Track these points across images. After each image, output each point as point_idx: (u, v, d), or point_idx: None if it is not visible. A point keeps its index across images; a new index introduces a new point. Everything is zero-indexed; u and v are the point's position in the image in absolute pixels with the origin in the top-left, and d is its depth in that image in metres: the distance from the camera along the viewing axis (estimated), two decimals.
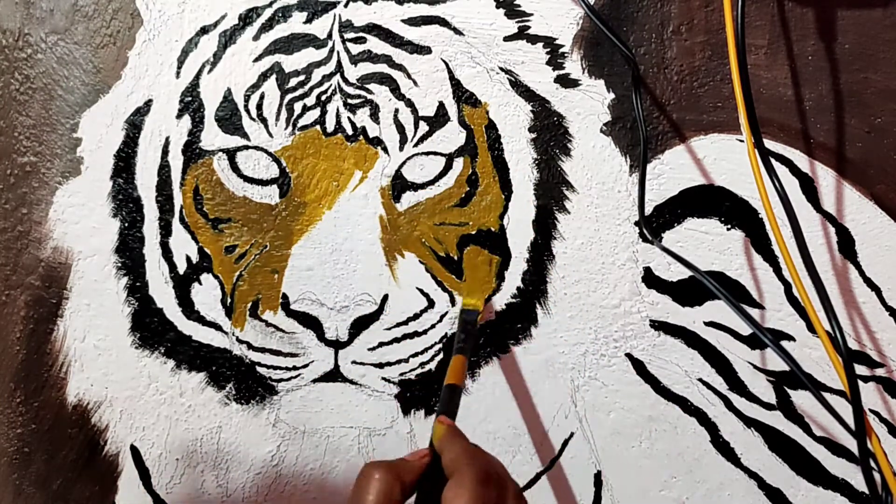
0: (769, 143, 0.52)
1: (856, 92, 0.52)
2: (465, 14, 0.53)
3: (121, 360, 0.55)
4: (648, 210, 0.53)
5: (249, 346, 0.54)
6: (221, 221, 0.54)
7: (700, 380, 0.52)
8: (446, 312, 0.53)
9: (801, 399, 0.51)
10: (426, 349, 0.53)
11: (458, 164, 0.53)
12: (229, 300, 0.54)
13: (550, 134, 0.53)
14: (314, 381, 0.53)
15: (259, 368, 0.54)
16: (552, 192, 0.53)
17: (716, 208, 0.52)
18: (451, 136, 0.53)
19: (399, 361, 0.53)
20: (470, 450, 0.38)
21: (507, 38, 0.53)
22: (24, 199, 0.55)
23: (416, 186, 0.53)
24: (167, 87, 0.54)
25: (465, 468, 0.35)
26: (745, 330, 0.52)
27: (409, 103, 0.53)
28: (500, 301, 0.53)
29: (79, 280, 0.55)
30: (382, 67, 0.53)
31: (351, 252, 0.53)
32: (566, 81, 0.53)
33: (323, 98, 0.53)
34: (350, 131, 0.53)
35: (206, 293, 0.54)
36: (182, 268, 0.54)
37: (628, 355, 0.53)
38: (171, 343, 0.54)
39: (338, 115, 0.53)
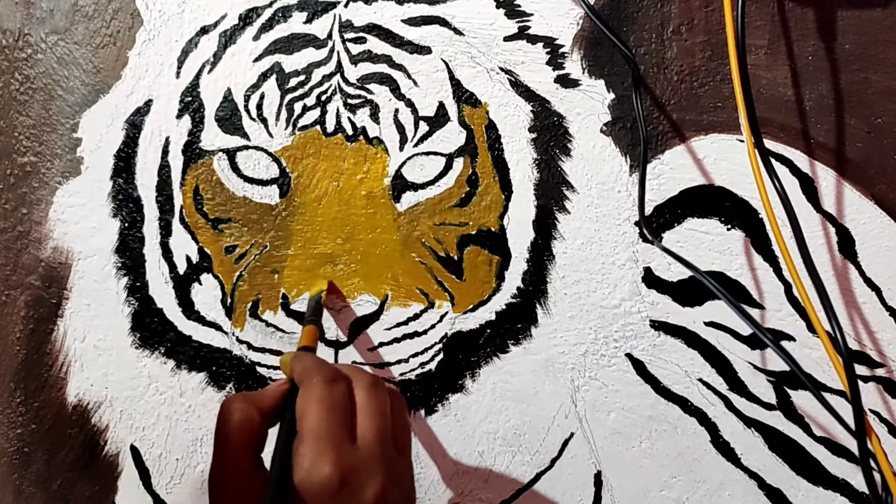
0: (769, 143, 0.52)
1: (856, 92, 0.52)
2: (465, 14, 0.53)
3: (121, 360, 0.55)
4: (648, 210, 0.53)
5: (249, 347, 0.54)
6: (221, 221, 0.54)
7: (700, 380, 0.52)
8: (446, 313, 0.53)
9: (801, 399, 0.51)
10: (426, 349, 0.53)
11: (458, 164, 0.53)
12: (229, 300, 0.54)
13: (550, 134, 0.53)
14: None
15: (259, 368, 0.54)
16: (552, 192, 0.53)
17: (716, 208, 0.52)
18: (451, 136, 0.53)
19: (399, 361, 0.53)
20: (317, 359, 0.37)
21: (507, 38, 0.53)
22: (24, 199, 0.55)
23: (416, 186, 0.53)
24: (167, 87, 0.54)
25: (312, 375, 0.35)
26: (745, 330, 0.52)
27: (409, 103, 0.53)
28: (501, 301, 0.53)
29: (79, 280, 0.55)
30: (382, 67, 0.53)
31: (351, 252, 0.53)
32: (566, 81, 0.53)
33: (323, 98, 0.53)
34: (350, 131, 0.53)
35: (206, 293, 0.54)
36: (182, 268, 0.54)
37: (628, 355, 0.53)
38: (171, 343, 0.54)
39: (338, 115, 0.53)
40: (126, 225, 0.54)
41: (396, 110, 0.53)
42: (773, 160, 0.48)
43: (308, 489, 0.32)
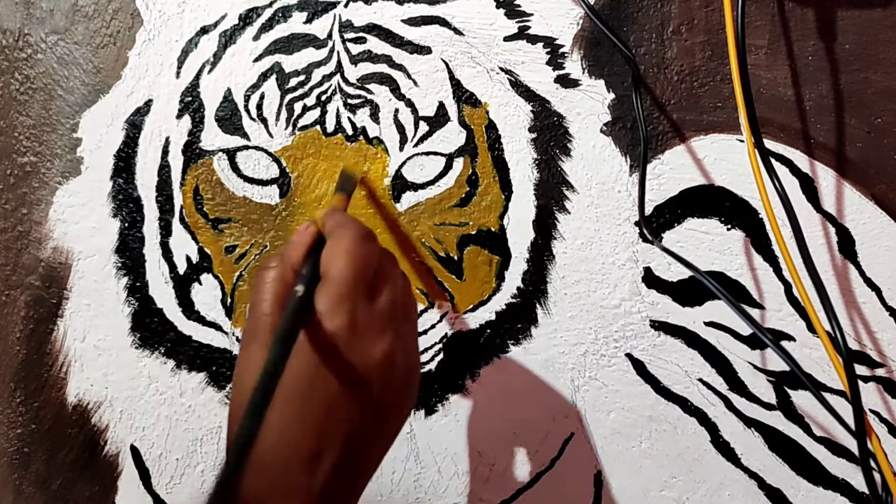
0: (769, 143, 0.52)
1: (856, 92, 0.52)
2: (465, 14, 0.53)
3: (121, 360, 0.55)
4: (648, 210, 0.53)
5: None
6: (221, 221, 0.54)
7: (700, 380, 0.52)
8: (446, 312, 0.53)
9: (801, 399, 0.51)
10: (426, 349, 0.53)
11: (458, 164, 0.53)
12: (229, 300, 0.54)
13: (550, 134, 0.53)
14: None
15: None
16: (552, 192, 0.53)
17: (716, 208, 0.52)
18: (451, 136, 0.53)
19: None
20: (351, 217, 0.38)
21: (507, 38, 0.53)
22: (24, 199, 0.55)
23: (416, 186, 0.53)
24: (167, 87, 0.54)
25: (345, 227, 0.36)
26: (745, 330, 0.52)
27: (409, 103, 0.53)
28: (501, 301, 0.53)
29: (79, 280, 0.55)
30: (382, 67, 0.53)
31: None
32: (566, 81, 0.53)
33: (323, 98, 0.53)
34: (350, 131, 0.53)
35: (207, 293, 0.54)
36: (182, 268, 0.54)
37: (628, 355, 0.53)
38: (171, 343, 0.54)
39: (338, 115, 0.53)
40: (126, 225, 0.54)
41: (396, 110, 0.53)
42: (773, 160, 0.48)
43: (320, 334, 0.32)
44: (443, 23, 0.53)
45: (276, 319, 0.33)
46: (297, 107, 0.53)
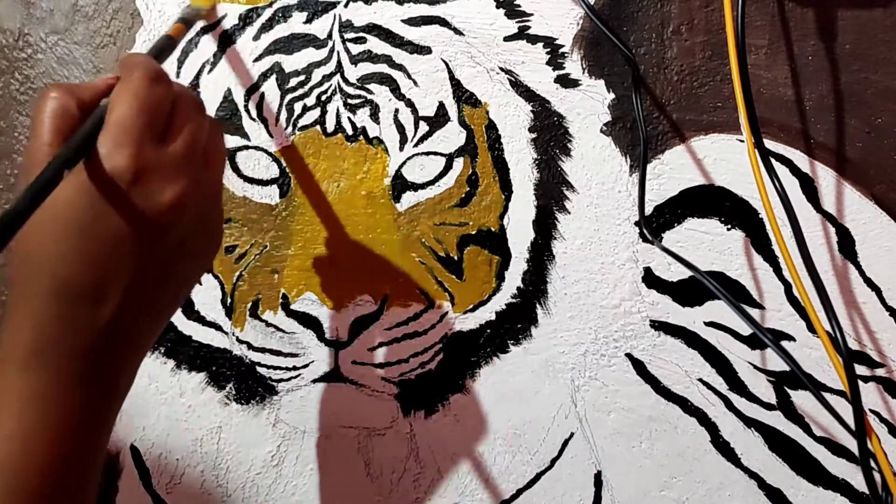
0: (769, 143, 0.52)
1: (856, 92, 0.52)
2: (465, 14, 0.53)
3: None
4: (648, 210, 0.53)
5: (249, 347, 0.54)
6: None
7: (700, 380, 0.52)
8: (446, 312, 0.53)
9: (801, 399, 0.51)
10: (426, 349, 0.53)
11: (458, 164, 0.53)
12: (229, 300, 0.54)
13: (550, 134, 0.53)
14: (314, 381, 0.53)
15: (259, 368, 0.54)
16: (552, 192, 0.53)
17: (716, 208, 0.52)
18: (451, 136, 0.53)
19: (399, 361, 0.53)
20: (148, 58, 0.36)
21: (507, 38, 0.53)
22: None
23: (416, 186, 0.53)
24: None
25: (133, 67, 0.34)
26: (745, 330, 0.52)
27: (409, 103, 0.53)
28: (501, 301, 0.53)
29: None
30: (382, 67, 0.53)
31: (351, 252, 0.53)
32: (566, 81, 0.53)
33: (323, 98, 0.53)
34: (350, 131, 0.53)
35: (206, 293, 0.54)
36: None
37: (628, 355, 0.53)
38: (171, 343, 0.54)
39: (338, 116, 0.53)
40: None
41: (396, 110, 0.53)
42: (773, 160, 0.48)
43: (101, 172, 0.31)
44: (443, 23, 0.53)
45: (56, 150, 0.32)
46: (297, 107, 0.53)
